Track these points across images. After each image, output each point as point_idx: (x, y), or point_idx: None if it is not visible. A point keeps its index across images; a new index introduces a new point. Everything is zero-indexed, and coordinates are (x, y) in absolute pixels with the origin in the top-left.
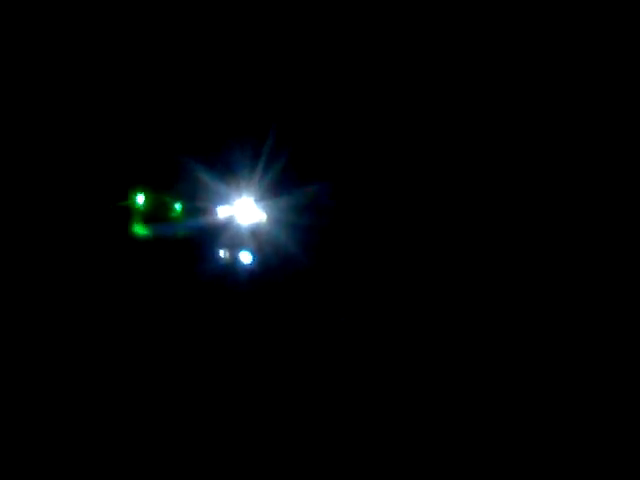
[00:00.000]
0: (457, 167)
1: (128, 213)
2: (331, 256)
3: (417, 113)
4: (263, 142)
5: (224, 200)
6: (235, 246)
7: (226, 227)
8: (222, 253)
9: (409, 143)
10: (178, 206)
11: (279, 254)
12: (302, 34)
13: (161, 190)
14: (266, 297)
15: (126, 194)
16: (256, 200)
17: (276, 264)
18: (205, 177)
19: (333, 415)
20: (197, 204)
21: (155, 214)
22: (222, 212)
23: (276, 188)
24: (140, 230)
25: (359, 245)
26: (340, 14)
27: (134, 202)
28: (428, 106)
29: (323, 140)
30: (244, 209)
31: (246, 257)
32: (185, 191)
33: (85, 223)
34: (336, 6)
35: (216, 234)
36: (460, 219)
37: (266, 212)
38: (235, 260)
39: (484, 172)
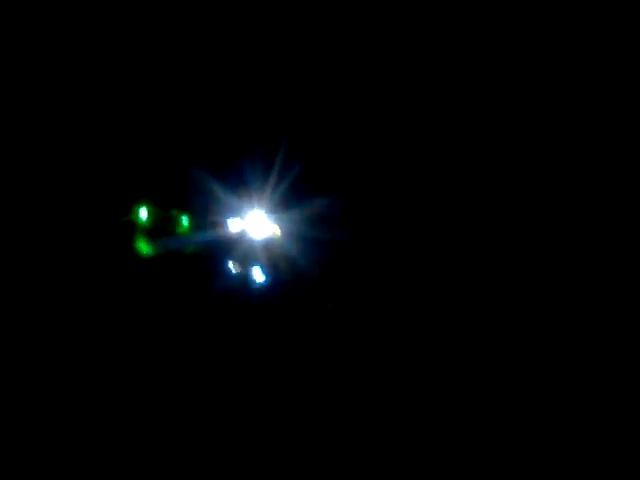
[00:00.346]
0: (471, 180)
1: (131, 228)
2: (348, 272)
3: (430, 125)
4: (275, 152)
5: (235, 213)
6: (247, 262)
7: (237, 241)
8: (233, 269)
9: (423, 154)
10: (185, 220)
11: (293, 270)
12: (313, 47)
13: (167, 203)
14: (279, 316)
15: (129, 208)
16: (269, 213)
17: (290, 281)
18: (215, 189)
19: (339, 428)
20: (206, 217)
21: (160, 229)
22: (233, 226)
23: (289, 200)
24: (144, 247)
25: (376, 260)
26: (358, 29)
27: (137, 217)
28: (442, 120)
29: (337, 150)
30: (256, 222)
31: (258, 273)
32: (193, 204)
33: (86, 239)
34: (353, 22)
35: (227, 249)
36: (474, 231)
37: (280, 225)
38: (247, 277)
39: (498, 189)
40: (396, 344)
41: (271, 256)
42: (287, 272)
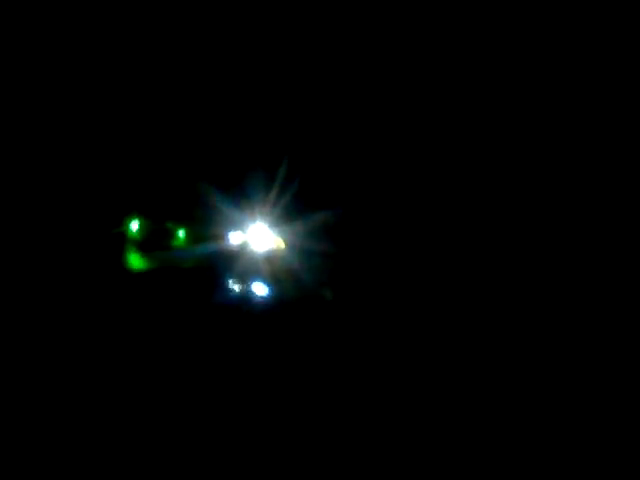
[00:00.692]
0: (474, 193)
1: (122, 241)
2: (356, 287)
3: (432, 136)
4: (277, 163)
5: (236, 226)
6: (248, 276)
7: (238, 255)
8: (234, 284)
9: (426, 165)
10: (182, 233)
11: (297, 284)
12: (315, 60)
13: (162, 216)
14: (283, 334)
15: (120, 220)
16: (271, 225)
17: (294, 297)
18: (215, 201)
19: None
20: (206, 230)
21: (155, 242)
22: (234, 239)
23: (292, 212)
24: (135, 261)
25: (379, 272)
26: (362, 42)
27: (128, 229)
28: (443, 133)
29: (340, 161)
30: (258, 235)
31: (260, 288)
32: (192, 216)
33: (75, 250)
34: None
35: (227, 263)
36: (477, 244)
37: (283, 238)
38: (248, 291)
39: (501, 202)
40: (399, 357)
41: (274, 270)
42: (290, 286)
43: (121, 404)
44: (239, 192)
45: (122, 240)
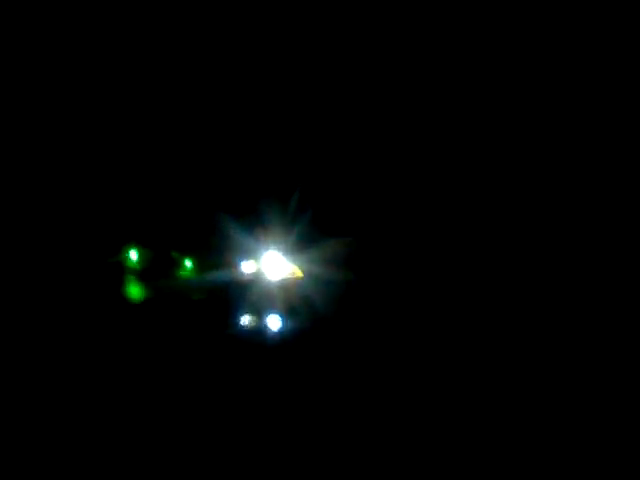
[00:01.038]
0: (486, 228)
1: (121, 271)
2: (377, 321)
3: (444, 169)
4: (292, 185)
5: (249, 254)
6: (262, 308)
7: (252, 285)
8: (246, 316)
9: (440, 193)
10: (189, 263)
11: (315, 318)
12: (327, 94)
13: (166, 243)
14: (299, 371)
15: (118, 249)
16: (286, 253)
17: (312, 330)
18: (227, 228)
19: None
20: (214, 259)
21: (158, 272)
22: (247, 268)
23: (309, 238)
24: (136, 292)
25: (404, 306)
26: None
27: (127, 258)
28: (454, 166)
29: (355, 189)
30: (273, 264)
31: (275, 322)
32: (199, 244)
33: (72, 277)
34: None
35: (239, 294)
36: (493, 274)
37: (300, 266)
38: (262, 324)
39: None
40: (413, 390)
41: (289, 300)
42: (307, 319)
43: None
44: (251, 217)
45: (120, 270)
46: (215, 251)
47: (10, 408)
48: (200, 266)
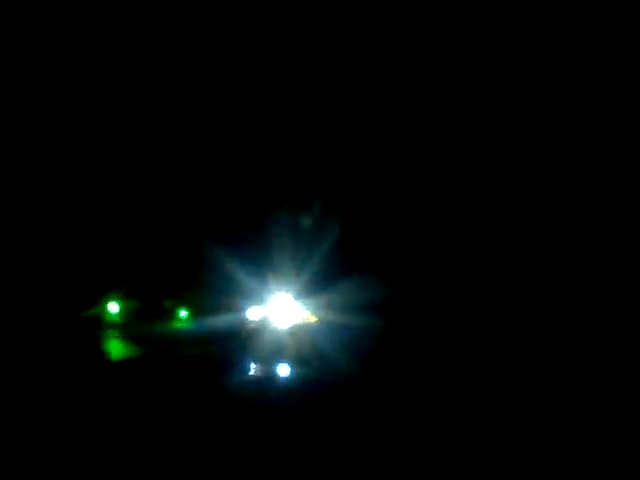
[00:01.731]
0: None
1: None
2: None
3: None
4: (302, 228)
5: (256, 299)
6: (269, 357)
7: (257, 332)
8: (252, 367)
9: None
10: (184, 312)
11: (327, 367)
12: (335, 118)
13: (156, 292)
14: (308, 423)
15: (94, 301)
16: (297, 297)
17: (322, 379)
18: (229, 269)
19: None
20: (218, 305)
21: (144, 324)
22: (252, 314)
23: (319, 283)
24: (117, 349)
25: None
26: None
27: (105, 311)
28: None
29: (367, 229)
30: (281, 309)
31: (284, 370)
32: (195, 291)
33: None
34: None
35: (244, 343)
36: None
37: (314, 312)
38: (269, 375)
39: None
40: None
41: (298, 348)
42: (319, 369)
43: None
44: (258, 259)
45: (97, 325)
46: (214, 297)
47: None
48: (197, 316)
